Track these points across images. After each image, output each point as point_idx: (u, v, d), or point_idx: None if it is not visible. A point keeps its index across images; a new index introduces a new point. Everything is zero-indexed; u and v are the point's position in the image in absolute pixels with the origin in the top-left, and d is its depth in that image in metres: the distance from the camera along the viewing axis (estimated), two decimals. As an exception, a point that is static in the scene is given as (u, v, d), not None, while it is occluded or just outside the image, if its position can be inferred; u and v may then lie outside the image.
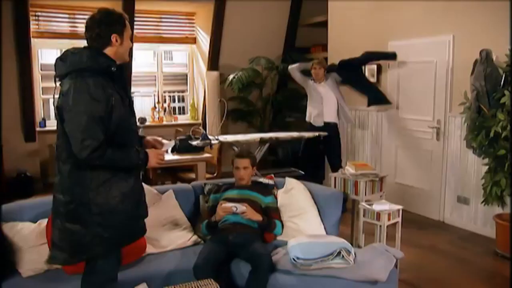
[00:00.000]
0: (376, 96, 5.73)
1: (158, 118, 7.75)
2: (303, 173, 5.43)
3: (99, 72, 2.22)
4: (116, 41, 2.30)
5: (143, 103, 8.15)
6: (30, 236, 2.93)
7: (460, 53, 5.01)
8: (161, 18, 7.72)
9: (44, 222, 3.01)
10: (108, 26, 2.28)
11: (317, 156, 5.91)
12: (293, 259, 2.85)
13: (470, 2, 4.87)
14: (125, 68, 2.45)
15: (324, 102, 5.67)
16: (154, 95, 7.90)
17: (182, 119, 8.06)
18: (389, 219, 3.40)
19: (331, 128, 5.67)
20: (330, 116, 5.68)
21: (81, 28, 7.09)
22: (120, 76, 2.34)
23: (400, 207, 3.50)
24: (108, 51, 2.30)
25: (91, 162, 2.17)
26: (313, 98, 5.77)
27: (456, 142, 5.12)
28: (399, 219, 3.51)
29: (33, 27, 6.75)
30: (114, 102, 2.21)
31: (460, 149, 5.06)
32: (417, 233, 4.95)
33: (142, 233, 2.51)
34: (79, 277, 2.62)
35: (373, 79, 6.14)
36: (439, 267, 4.10)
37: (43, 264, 2.88)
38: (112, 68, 2.27)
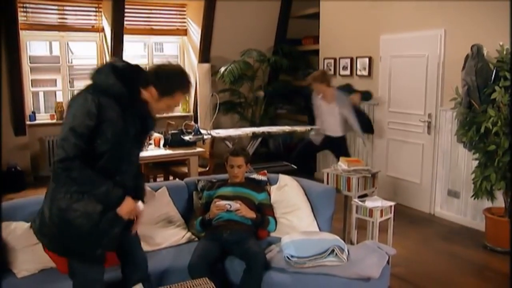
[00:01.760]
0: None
1: (150, 110, 7.70)
2: (295, 167, 5.45)
3: (112, 95, 2.19)
4: (151, 93, 2.27)
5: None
6: (24, 236, 2.92)
7: (451, 47, 5.03)
8: (151, 10, 7.64)
9: (37, 221, 3.00)
10: (156, 76, 2.27)
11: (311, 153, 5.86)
12: (287, 257, 2.87)
13: (461, -3, 4.90)
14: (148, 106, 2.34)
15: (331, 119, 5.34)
16: (145, 88, 7.84)
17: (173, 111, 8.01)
18: (381, 216, 3.43)
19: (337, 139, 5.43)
20: (335, 131, 5.38)
21: (69, 20, 7.06)
22: (132, 106, 2.26)
23: (392, 203, 3.53)
24: (143, 94, 2.28)
25: (57, 170, 2.16)
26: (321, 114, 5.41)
27: (447, 136, 5.17)
28: (391, 215, 3.55)
29: (21, 19, 6.65)
30: (113, 127, 2.17)
31: (450, 143, 5.11)
32: (408, 226, 5.01)
33: (97, 262, 2.36)
34: (74, 277, 2.67)
35: (364, 72, 6.17)
36: (430, 261, 4.15)
37: (37, 264, 2.88)
38: (122, 98, 2.21)
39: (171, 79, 2.29)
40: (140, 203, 2.38)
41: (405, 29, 5.56)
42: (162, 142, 5.19)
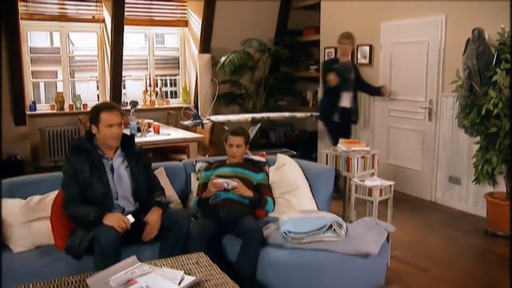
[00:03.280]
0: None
1: (150, 101, 7.70)
2: (295, 153, 5.42)
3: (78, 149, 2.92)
4: (94, 129, 2.90)
5: (135, 87, 8.10)
6: (20, 213, 2.91)
7: (452, 32, 5.00)
8: (152, 0, 7.62)
9: (34, 199, 3.00)
10: (89, 116, 2.96)
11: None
12: (284, 232, 2.84)
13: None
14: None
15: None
16: (146, 79, 7.83)
17: (174, 102, 8.01)
18: (380, 195, 3.40)
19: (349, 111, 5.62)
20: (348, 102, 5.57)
21: (70, 10, 7.05)
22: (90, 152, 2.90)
23: (392, 182, 3.51)
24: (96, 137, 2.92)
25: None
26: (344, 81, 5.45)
27: (448, 122, 5.13)
28: (391, 195, 3.52)
29: (21, 8, 6.64)
30: (81, 174, 2.82)
31: (452, 129, 5.07)
32: (409, 212, 4.98)
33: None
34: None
35: (365, 60, 6.13)
36: (430, 245, 4.12)
37: (33, 240, 2.87)
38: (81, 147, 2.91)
39: (92, 110, 2.95)
40: (130, 216, 2.75)
41: (406, 15, 5.52)
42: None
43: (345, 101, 5.48)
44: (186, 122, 4.96)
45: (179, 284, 2.15)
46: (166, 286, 2.11)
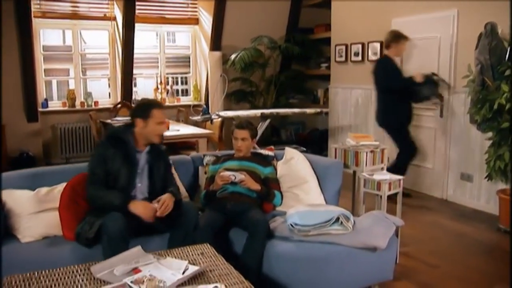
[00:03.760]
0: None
1: (161, 99, 7.72)
2: (304, 149, 5.37)
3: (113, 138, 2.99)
4: (139, 124, 2.92)
5: (146, 85, 8.12)
6: (28, 204, 2.92)
7: (464, 28, 4.94)
8: (163, -2, 7.65)
9: (42, 190, 3.01)
10: (135, 110, 3.05)
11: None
12: (291, 224, 2.82)
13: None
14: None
15: None
16: (157, 77, 7.86)
17: (185, 100, 8.02)
18: (389, 189, 3.36)
19: None
20: None
21: (82, 8, 7.10)
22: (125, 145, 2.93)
23: (401, 177, 3.46)
24: (136, 130, 2.94)
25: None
26: None
27: (459, 118, 5.06)
28: (400, 190, 3.47)
29: (34, 6, 6.71)
30: (111, 163, 2.85)
31: (463, 126, 5.00)
32: (419, 210, 4.92)
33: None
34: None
35: (375, 57, 6.07)
36: (440, 241, 4.07)
37: (41, 230, 2.88)
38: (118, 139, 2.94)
39: (144, 104, 3.01)
40: (155, 203, 2.82)
41: (417, 11, 5.47)
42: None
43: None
44: (196, 118, 4.96)
45: (183, 273, 2.14)
46: (170, 275, 2.10)
